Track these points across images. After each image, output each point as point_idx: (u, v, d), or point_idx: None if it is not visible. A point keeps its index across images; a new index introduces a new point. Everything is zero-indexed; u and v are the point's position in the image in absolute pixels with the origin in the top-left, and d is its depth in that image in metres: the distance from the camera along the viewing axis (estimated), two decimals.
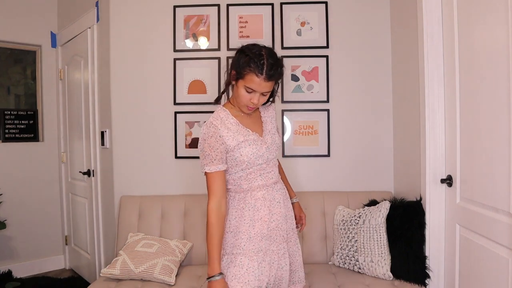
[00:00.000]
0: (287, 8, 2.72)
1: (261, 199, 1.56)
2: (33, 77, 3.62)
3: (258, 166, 1.56)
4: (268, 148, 1.58)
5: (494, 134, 1.66)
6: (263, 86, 1.46)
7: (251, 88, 1.46)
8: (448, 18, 2.02)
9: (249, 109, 1.54)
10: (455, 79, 1.97)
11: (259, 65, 1.43)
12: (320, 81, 2.71)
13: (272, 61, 1.46)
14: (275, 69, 1.46)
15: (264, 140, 1.59)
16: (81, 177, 3.28)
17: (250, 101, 1.49)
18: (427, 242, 2.15)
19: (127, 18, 2.78)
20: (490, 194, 1.70)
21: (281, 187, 1.66)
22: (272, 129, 1.66)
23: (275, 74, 1.47)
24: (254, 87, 1.45)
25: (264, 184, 1.58)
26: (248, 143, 1.53)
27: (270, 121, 1.69)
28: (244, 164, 1.53)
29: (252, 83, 1.45)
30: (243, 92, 1.49)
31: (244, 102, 1.51)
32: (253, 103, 1.49)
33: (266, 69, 1.43)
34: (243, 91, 1.48)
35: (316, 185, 2.70)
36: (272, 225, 1.57)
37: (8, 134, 3.43)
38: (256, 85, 1.45)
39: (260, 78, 1.44)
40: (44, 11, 3.58)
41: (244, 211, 1.55)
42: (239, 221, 1.55)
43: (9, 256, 3.35)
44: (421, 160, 2.19)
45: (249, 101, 1.49)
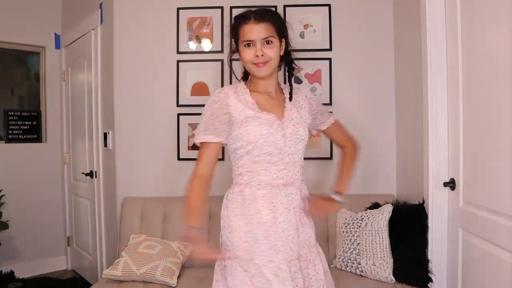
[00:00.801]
0: (290, 11, 2.73)
1: (261, 198, 1.36)
2: (36, 78, 3.64)
3: (267, 156, 1.35)
4: (284, 137, 1.37)
5: (498, 137, 1.66)
6: (256, 30, 1.33)
7: (247, 39, 1.34)
8: (452, 21, 2.02)
9: (258, 66, 1.36)
10: (458, 82, 1.96)
11: (245, 15, 1.37)
12: (323, 84, 2.71)
13: (261, 9, 1.39)
14: (264, 12, 1.38)
15: (282, 125, 1.39)
16: (84, 178, 3.29)
17: (254, 55, 1.35)
18: (430, 246, 2.14)
19: (131, 20, 2.79)
20: (494, 198, 1.69)
21: (293, 193, 1.41)
22: (297, 118, 1.44)
23: (265, 16, 1.36)
24: (249, 35, 1.34)
25: (268, 182, 1.36)
26: (259, 122, 1.35)
27: (297, 109, 1.47)
28: (251, 146, 1.34)
29: (245, 33, 1.35)
30: (244, 50, 1.37)
31: (249, 59, 1.36)
32: (257, 55, 1.34)
33: (253, 14, 1.35)
34: (243, 49, 1.37)
35: (319, 188, 2.68)
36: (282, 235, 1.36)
37: (11, 135, 3.45)
38: (249, 32, 1.33)
39: (250, 24, 1.34)
40: (48, 13, 3.60)
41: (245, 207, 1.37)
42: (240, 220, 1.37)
43: (11, 257, 3.36)
44: (424, 163, 2.19)
45: (253, 55, 1.35)
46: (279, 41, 1.39)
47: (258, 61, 1.35)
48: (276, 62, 1.40)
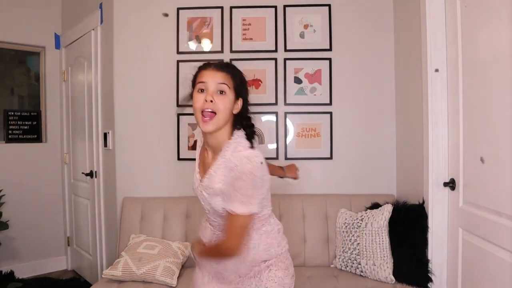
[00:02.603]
0: (290, 11, 2.73)
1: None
2: (36, 78, 3.64)
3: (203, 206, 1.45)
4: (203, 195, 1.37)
5: (498, 137, 1.66)
6: (213, 75, 1.28)
7: (202, 80, 1.29)
8: (452, 22, 2.02)
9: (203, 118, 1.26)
10: (458, 82, 1.97)
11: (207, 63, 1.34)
12: (323, 84, 2.71)
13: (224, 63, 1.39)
14: (226, 64, 1.35)
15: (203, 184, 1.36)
16: (84, 178, 3.28)
17: (203, 101, 1.26)
18: (430, 246, 2.14)
19: (131, 20, 2.79)
20: (493, 198, 1.69)
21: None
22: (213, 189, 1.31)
23: (226, 68, 1.32)
24: (204, 78, 1.28)
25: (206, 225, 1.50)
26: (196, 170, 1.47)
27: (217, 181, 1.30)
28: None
29: (202, 76, 1.30)
30: (196, 96, 1.29)
31: (198, 106, 1.27)
32: (206, 99, 1.25)
33: (215, 64, 1.33)
34: (196, 95, 1.29)
35: (319, 188, 2.69)
36: None
37: (11, 135, 3.44)
38: (205, 76, 1.29)
39: (208, 70, 1.30)
40: (48, 13, 3.59)
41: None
42: None
43: (11, 257, 3.35)
44: (424, 163, 2.19)
45: (203, 101, 1.26)
46: (234, 96, 1.31)
47: (205, 108, 1.26)
48: (223, 117, 1.28)
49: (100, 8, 2.96)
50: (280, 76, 2.73)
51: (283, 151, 2.73)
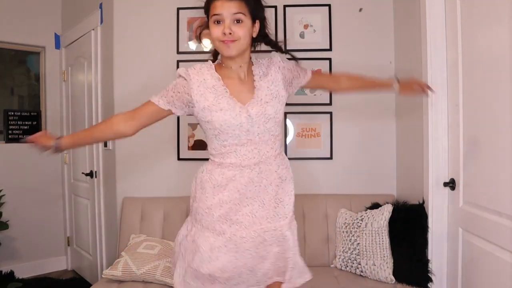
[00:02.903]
0: (290, 11, 2.73)
1: (232, 179, 1.35)
2: (36, 78, 3.64)
3: (235, 139, 1.34)
4: (250, 118, 1.33)
5: (498, 137, 1.66)
6: (227, 6, 1.28)
7: (216, 13, 1.29)
8: (452, 22, 2.02)
9: (226, 44, 1.31)
10: (458, 82, 1.97)
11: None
12: None
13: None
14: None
15: (247, 108, 1.35)
16: (84, 178, 3.29)
17: (221, 33, 1.30)
18: (430, 246, 2.14)
19: (131, 20, 2.79)
20: (494, 198, 1.69)
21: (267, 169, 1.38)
22: (267, 96, 1.39)
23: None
24: (218, 10, 1.29)
25: (238, 164, 1.35)
26: (220, 107, 1.33)
27: (268, 86, 1.41)
28: (217, 131, 1.34)
29: (215, 9, 1.30)
30: (213, 27, 1.32)
31: (216, 36, 1.31)
32: (225, 33, 1.29)
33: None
34: (212, 26, 1.32)
35: (319, 188, 2.69)
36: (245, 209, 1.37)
37: (11, 135, 3.44)
38: (219, 8, 1.29)
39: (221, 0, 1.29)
40: (48, 13, 3.59)
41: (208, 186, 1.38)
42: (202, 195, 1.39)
43: (11, 257, 3.35)
44: (424, 163, 2.19)
45: (221, 33, 1.30)
46: (251, 21, 1.34)
47: (226, 39, 1.30)
48: (245, 42, 1.34)
49: (100, 8, 2.96)
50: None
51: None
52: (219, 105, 1.33)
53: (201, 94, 1.34)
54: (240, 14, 1.30)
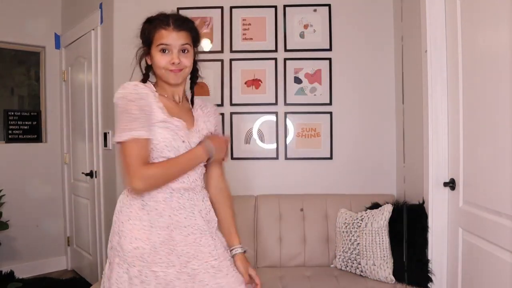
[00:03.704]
0: (290, 11, 2.73)
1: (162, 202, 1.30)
2: (36, 78, 3.64)
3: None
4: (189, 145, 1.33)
5: (498, 137, 1.66)
6: (175, 37, 1.31)
7: (163, 43, 1.31)
8: (452, 21, 2.02)
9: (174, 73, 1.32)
10: (458, 82, 1.97)
11: (164, 20, 1.35)
12: (323, 84, 2.71)
13: (180, 17, 1.39)
14: (184, 20, 1.36)
15: (189, 134, 1.35)
16: (84, 178, 3.29)
17: (169, 62, 1.32)
18: (430, 246, 2.14)
19: (131, 20, 2.77)
20: (493, 198, 1.69)
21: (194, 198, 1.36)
22: (203, 130, 1.41)
23: (184, 24, 1.35)
24: (166, 40, 1.31)
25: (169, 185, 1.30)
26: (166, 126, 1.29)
27: (204, 121, 1.44)
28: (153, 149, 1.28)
29: (163, 38, 1.32)
30: (158, 55, 1.33)
31: (163, 64, 1.32)
32: (174, 62, 1.31)
33: (173, 20, 1.34)
34: (158, 54, 1.33)
35: (319, 188, 2.69)
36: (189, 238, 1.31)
37: (11, 135, 3.44)
38: (167, 38, 1.31)
39: (169, 30, 1.32)
40: (48, 13, 3.59)
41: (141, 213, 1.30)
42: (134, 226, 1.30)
43: (11, 257, 3.35)
44: (424, 163, 2.19)
45: (168, 62, 1.32)
46: (193, 50, 1.40)
47: (174, 68, 1.33)
48: (189, 70, 1.39)
49: (100, 8, 2.96)
50: (280, 76, 2.73)
51: (283, 151, 2.73)
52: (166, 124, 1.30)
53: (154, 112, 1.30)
54: (187, 44, 1.35)
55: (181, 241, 1.30)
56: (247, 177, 2.75)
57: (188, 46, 1.35)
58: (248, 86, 2.74)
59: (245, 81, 2.74)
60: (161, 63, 1.33)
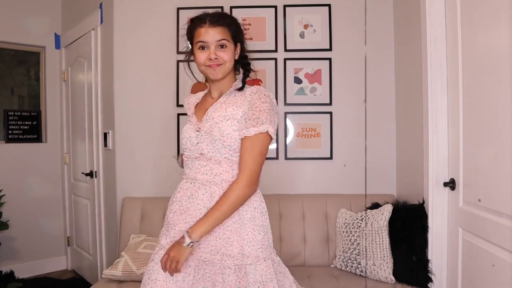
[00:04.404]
0: (290, 11, 2.73)
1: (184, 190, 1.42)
2: (36, 78, 3.64)
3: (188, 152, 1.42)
4: (199, 134, 1.38)
5: (498, 137, 1.66)
6: (211, 34, 1.36)
7: (200, 40, 1.37)
8: (452, 22, 2.02)
9: (212, 68, 1.38)
10: (458, 82, 1.97)
11: (201, 18, 1.40)
12: (323, 84, 2.71)
13: (216, 13, 1.42)
14: (220, 16, 1.40)
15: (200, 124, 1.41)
16: (84, 178, 3.29)
17: (207, 58, 1.37)
18: (430, 246, 2.14)
19: (131, 20, 2.79)
20: (494, 198, 1.69)
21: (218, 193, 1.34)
22: (219, 117, 1.37)
23: (220, 20, 1.38)
24: (203, 37, 1.36)
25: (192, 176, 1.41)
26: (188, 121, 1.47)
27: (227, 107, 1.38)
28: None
29: (200, 36, 1.37)
30: (198, 52, 1.39)
31: (202, 61, 1.38)
32: (211, 58, 1.36)
33: (209, 17, 1.38)
34: (197, 51, 1.39)
35: (319, 188, 2.69)
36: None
37: (11, 135, 3.44)
38: (204, 35, 1.36)
39: (204, 27, 1.36)
40: (48, 13, 3.59)
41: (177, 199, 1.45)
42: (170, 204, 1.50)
43: (11, 257, 3.35)
44: (424, 163, 2.19)
45: (206, 58, 1.37)
46: (233, 45, 1.41)
47: (212, 63, 1.37)
48: (230, 65, 1.41)
49: (100, 8, 2.96)
50: (280, 76, 2.73)
51: (283, 151, 2.73)
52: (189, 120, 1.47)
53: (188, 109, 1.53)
54: (224, 40, 1.37)
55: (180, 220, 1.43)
56: None
57: (226, 42, 1.38)
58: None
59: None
60: (200, 60, 1.39)
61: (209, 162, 1.37)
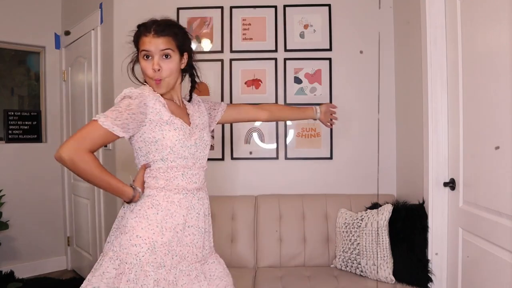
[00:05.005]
0: (290, 11, 2.73)
1: (177, 204, 1.34)
2: (36, 78, 3.64)
3: (183, 161, 1.35)
4: (196, 143, 1.39)
5: (497, 137, 1.66)
6: (155, 43, 1.32)
7: (145, 49, 1.33)
8: (452, 21, 2.02)
9: (156, 83, 1.35)
10: (458, 82, 1.97)
11: (147, 26, 1.36)
12: (323, 84, 2.72)
13: (163, 21, 1.38)
14: (165, 25, 1.36)
15: (192, 131, 1.40)
16: None
17: (151, 70, 1.33)
18: (430, 246, 2.14)
19: (131, 19, 2.77)
20: (494, 198, 1.69)
21: (204, 197, 1.44)
22: (200, 124, 1.47)
23: (166, 30, 1.35)
24: (147, 46, 1.33)
25: (185, 187, 1.36)
26: (173, 127, 1.33)
27: (199, 116, 1.50)
28: (166, 151, 1.32)
29: (144, 44, 1.34)
30: (143, 63, 1.36)
31: (148, 72, 1.35)
32: (154, 69, 1.32)
33: (154, 26, 1.35)
34: (142, 61, 1.36)
35: (319, 188, 2.69)
36: (187, 239, 1.35)
37: (11, 135, 3.44)
38: (148, 44, 1.33)
39: (149, 36, 1.33)
40: (48, 13, 3.59)
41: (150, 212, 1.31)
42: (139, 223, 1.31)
43: (11, 257, 3.35)
44: (424, 163, 2.19)
45: (151, 70, 1.33)
46: (179, 55, 1.39)
47: (156, 77, 1.34)
48: (173, 77, 1.39)
49: (100, 8, 2.96)
50: (280, 76, 2.73)
51: (283, 151, 2.73)
52: (173, 125, 1.34)
53: (156, 112, 1.32)
54: (168, 49, 1.35)
55: (179, 241, 1.34)
56: (247, 177, 2.75)
57: (170, 51, 1.35)
58: (248, 86, 2.74)
59: (245, 81, 2.74)
60: (146, 72, 1.36)
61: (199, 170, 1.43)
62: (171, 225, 1.32)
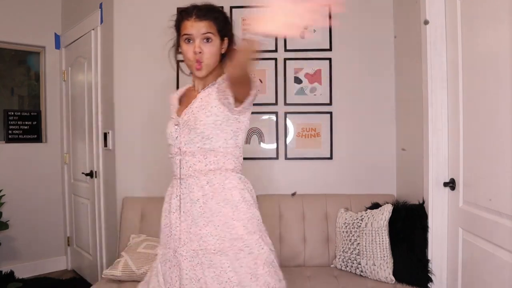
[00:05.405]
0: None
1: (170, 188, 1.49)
2: (36, 78, 3.64)
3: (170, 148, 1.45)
4: (179, 127, 1.40)
5: (498, 137, 1.66)
6: (197, 27, 1.35)
7: (186, 33, 1.36)
8: (452, 22, 2.02)
9: (197, 66, 1.36)
10: (458, 83, 1.97)
11: (188, 11, 1.38)
12: (323, 84, 2.71)
13: (204, 6, 1.40)
14: (207, 9, 1.38)
15: (179, 119, 1.43)
16: (84, 178, 3.28)
17: (193, 53, 1.36)
18: (430, 246, 2.14)
19: (131, 19, 2.79)
20: (494, 198, 1.69)
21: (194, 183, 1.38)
22: (196, 108, 1.39)
23: (207, 14, 1.37)
24: (189, 30, 1.35)
25: (175, 173, 1.44)
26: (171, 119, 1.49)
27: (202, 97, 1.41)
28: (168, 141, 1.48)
29: (186, 28, 1.36)
30: (184, 46, 1.38)
31: (189, 56, 1.37)
32: (196, 52, 1.35)
33: (195, 10, 1.37)
34: (184, 45, 1.38)
35: (319, 188, 2.69)
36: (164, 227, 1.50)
37: (11, 135, 3.44)
38: (189, 28, 1.35)
39: (191, 20, 1.36)
40: (48, 13, 3.59)
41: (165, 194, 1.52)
42: None
43: (11, 257, 3.35)
44: (424, 163, 2.19)
45: (192, 53, 1.36)
46: (219, 39, 1.40)
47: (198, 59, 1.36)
48: (213, 62, 1.39)
49: (100, 8, 2.96)
50: (280, 76, 2.73)
51: (283, 151, 2.73)
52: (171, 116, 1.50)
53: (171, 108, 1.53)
54: (209, 33, 1.37)
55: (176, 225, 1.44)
56: (247, 177, 2.74)
57: (211, 35, 1.37)
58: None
59: None
60: (187, 55, 1.38)
61: (184, 155, 1.39)
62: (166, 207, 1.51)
